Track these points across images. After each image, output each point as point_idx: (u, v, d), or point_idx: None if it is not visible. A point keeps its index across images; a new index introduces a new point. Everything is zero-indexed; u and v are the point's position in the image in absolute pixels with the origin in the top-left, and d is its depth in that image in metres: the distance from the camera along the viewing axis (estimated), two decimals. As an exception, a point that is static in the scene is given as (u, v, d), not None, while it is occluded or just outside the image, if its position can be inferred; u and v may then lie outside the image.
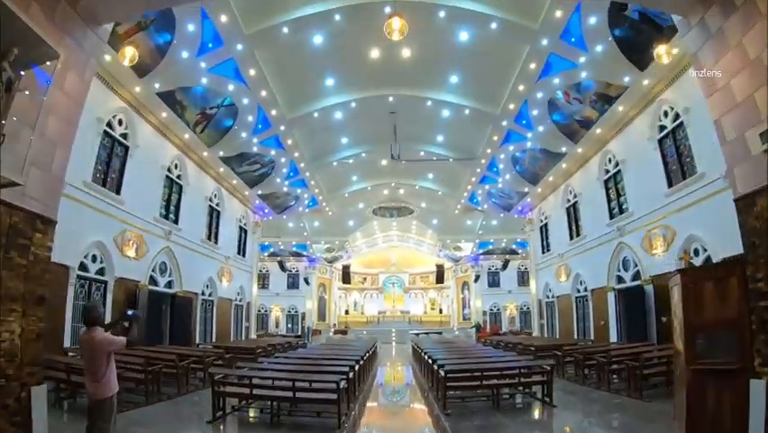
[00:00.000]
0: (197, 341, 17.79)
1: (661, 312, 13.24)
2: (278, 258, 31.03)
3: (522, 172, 20.75)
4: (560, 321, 20.86)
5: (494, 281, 36.61)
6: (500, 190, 23.35)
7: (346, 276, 37.45)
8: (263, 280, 37.28)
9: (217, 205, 20.14)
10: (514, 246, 35.09)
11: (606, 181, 17.00)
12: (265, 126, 17.02)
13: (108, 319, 13.99)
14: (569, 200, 20.03)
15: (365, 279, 43.32)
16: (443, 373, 8.37)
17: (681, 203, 12.57)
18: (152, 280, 15.31)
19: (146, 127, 14.68)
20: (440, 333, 28.98)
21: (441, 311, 40.95)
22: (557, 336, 20.73)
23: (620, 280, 16.03)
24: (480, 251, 35.80)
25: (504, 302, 35.63)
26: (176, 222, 16.78)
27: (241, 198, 22.20)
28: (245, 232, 23.37)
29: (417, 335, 27.12)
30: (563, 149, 17.66)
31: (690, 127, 12.25)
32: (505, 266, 31.36)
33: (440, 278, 37.97)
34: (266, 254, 36.15)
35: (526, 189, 21.84)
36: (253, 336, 23.63)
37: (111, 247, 13.03)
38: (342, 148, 20.70)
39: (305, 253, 36.18)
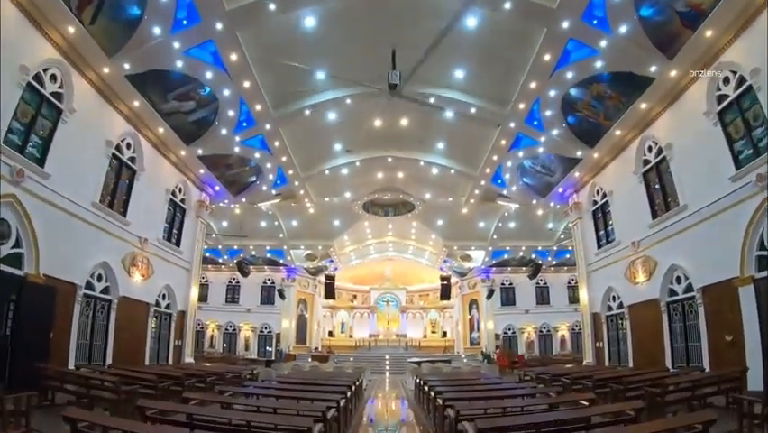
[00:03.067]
0: (73, 362, 11.05)
1: None
2: (241, 258, 24.18)
3: (576, 125, 14.55)
4: (634, 342, 14.14)
5: (508, 299, 30.30)
6: (539, 161, 17.03)
7: (329, 289, 30.59)
8: (232, 293, 31.12)
9: (131, 160, 13.71)
10: (533, 256, 28.95)
11: (722, 113, 10.77)
12: (192, 20, 10.84)
13: None
14: (647, 161, 13.76)
15: (355, 296, 36.69)
16: None
17: None
18: (-28, 249, 8.77)
19: None
20: (448, 361, 22.15)
21: (445, 334, 33.98)
22: (629, 365, 14.06)
23: (766, 262, 9.59)
24: (493, 261, 29.37)
25: (520, 324, 29.32)
26: (40, 162, 10.31)
27: (175, 160, 15.75)
28: (182, 211, 16.80)
29: (418, 364, 20.41)
30: (652, 68, 11.52)
31: None
32: (535, 273, 24.60)
33: (445, 293, 31.13)
34: (234, 261, 29.69)
35: (579, 154, 15.53)
36: (189, 359, 16.66)
37: None
38: (317, 86, 14.41)
39: (281, 261, 29.64)
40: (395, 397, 14.95)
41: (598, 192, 16.58)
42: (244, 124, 14.66)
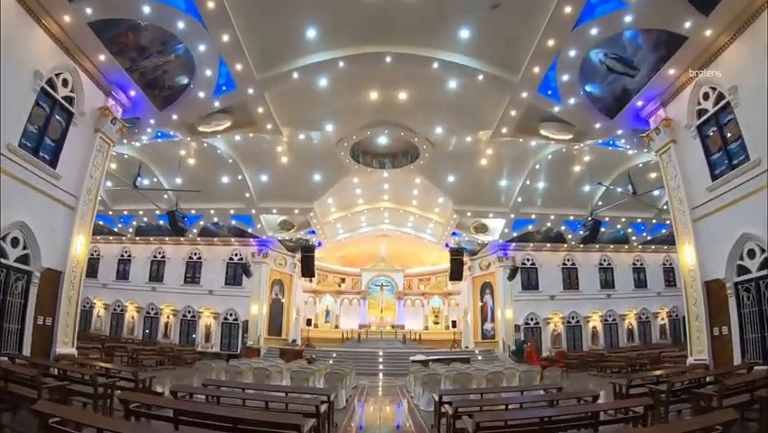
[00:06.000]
0: None
1: None
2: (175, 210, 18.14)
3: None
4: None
5: (530, 283, 24.99)
6: (616, 46, 11.13)
7: (308, 264, 24.69)
8: (192, 271, 25.42)
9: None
10: (563, 228, 23.71)
11: None
12: None
13: None
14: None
15: (342, 279, 31.22)
16: None
17: None
18: None
19: None
20: (466, 360, 16.52)
21: (454, 325, 28.29)
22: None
23: None
24: (514, 234, 23.86)
25: (545, 313, 24.10)
26: None
27: (58, 32, 9.77)
28: (66, 116, 10.73)
29: (425, 363, 14.84)
30: None
31: None
32: (594, 235, 18.74)
33: (457, 272, 25.26)
34: (194, 230, 24.04)
35: (687, 26, 9.81)
36: (65, 348, 10.38)
37: None
38: None
39: (250, 231, 23.91)
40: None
41: (706, 96, 10.86)
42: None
